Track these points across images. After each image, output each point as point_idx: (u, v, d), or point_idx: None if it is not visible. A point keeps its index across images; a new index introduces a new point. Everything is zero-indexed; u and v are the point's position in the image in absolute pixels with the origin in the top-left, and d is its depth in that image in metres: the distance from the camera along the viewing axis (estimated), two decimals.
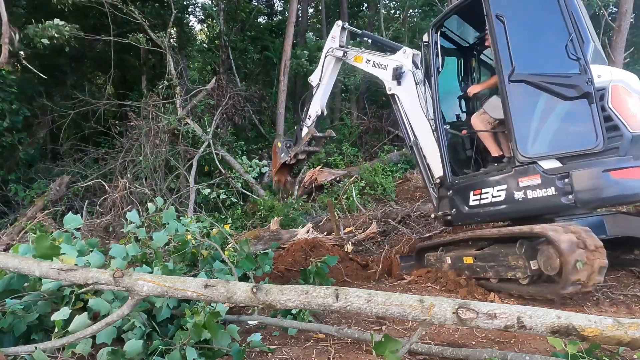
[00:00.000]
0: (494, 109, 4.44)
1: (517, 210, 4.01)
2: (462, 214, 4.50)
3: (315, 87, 6.33)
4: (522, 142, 3.90)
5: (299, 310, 3.26)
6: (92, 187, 9.14)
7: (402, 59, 5.27)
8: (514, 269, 3.85)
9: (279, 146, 6.52)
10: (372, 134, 14.20)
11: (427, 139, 5.04)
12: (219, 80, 11.80)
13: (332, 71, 6.26)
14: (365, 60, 5.70)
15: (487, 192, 4.23)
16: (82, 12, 12.37)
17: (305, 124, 6.37)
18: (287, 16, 14.60)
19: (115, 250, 3.26)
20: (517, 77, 3.91)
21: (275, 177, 6.78)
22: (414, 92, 5.12)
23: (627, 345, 1.85)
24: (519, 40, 3.96)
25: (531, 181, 3.86)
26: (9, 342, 2.71)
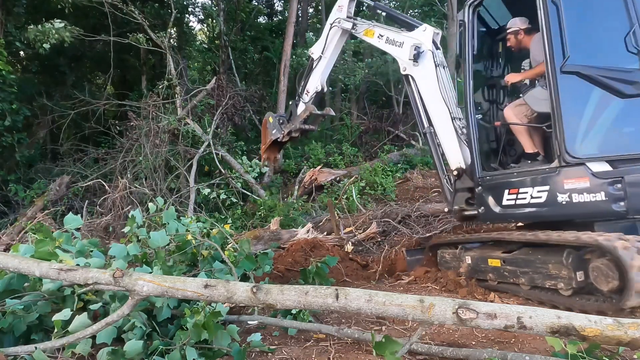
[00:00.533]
0: (537, 101, 4.09)
1: (558, 214, 3.73)
2: (492, 212, 4.19)
3: (316, 60, 5.71)
4: (571, 141, 3.56)
5: (299, 310, 3.26)
6: (92, 187, 9.14)
7: (421, 37, 4.78)
8: (555, 278, 3.60)
9: (270, 121, 5.97)
10: (372, 134, 14.20)
11: (444, 127, 4.69)
12: (219, 80, 11.79)
13: (336, 44, 5.67)
14: (378, 35, 5.14)
15: (525, 192, 3.91)
16: (82, 12, 12.38)
17: (303, 99, 5.78)
18: (287, 16, 14.60)
19: (115, 250, 3.26)
20: (570, 68, 3.53)
21: (264, 154, 6.24)
22: (433, 74, 4.69)
23: (627, 345, 1.85)
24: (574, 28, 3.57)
25: (578, 184, 3.54)
26: (9, 342, 2.71)
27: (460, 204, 4.64)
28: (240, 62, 16.04)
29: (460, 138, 4.63)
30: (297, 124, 5.68)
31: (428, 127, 4.87)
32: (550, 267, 3.64)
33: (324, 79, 5.79)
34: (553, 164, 3.76)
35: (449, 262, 4.78)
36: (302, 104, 5.76)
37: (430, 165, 11.12)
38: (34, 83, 13.23)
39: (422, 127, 4.94)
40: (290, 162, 12.21)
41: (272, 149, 6.15)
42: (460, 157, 4.63)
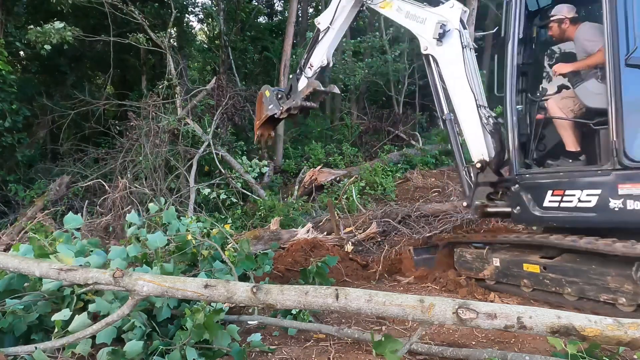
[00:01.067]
0: (590, 95, 3.76)
1: (608, 221, 3.45)
2: (530, 214, 3.88)
3: (323, 32, 5.21)
4: (631, 143, 3.28)
5: (299, 310, 3.26)
6: (92, 187, 9.13)
7: (447, 13, 4.34)
8: (615, 292, 3.32)
9: (267, 95, 5.45)
10: (372, 134, 14.20)
11: (468, 115, 4.32)
12: (219, 80, 11.78)
13: (347, 15, 5.17)
14: (397, 7, 4.69)
15: (572, 194, 3.61)
16: (82, 12, 12.37)
17: (305, 74, 5.30)
18: (287, 16, 14.59)
19: (115, 252, 3.26)
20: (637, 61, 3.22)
21: (258, 130, 5.72)
22: (460, 56, 4.27)
23: (627, 345, 1.85)
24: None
25: (635, 190, 3.27)
26: (9, 342, 2.71)
27: (481, 198, 4.34)
28: (240, 62, 16.03)
29: (485, 128, 4.30)
30: (298, 101, 5.21)
31: (448, 113, 4.50)
32: (610, 279, 3.36)
33: (330, 52, 5.32)
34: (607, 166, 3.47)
35: (470, 263, 4.49)
36: (305, 79, 5.31)
37: (430, 165, 11.14)
38: (34, 83, 13.22)
39: (442, 114, 4.56)
40: (290, 162, 12.21)
41: (266, 125, 5.68)
42: (484, 148, 4.30)
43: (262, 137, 5.87)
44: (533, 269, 3.88)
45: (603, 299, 3.42)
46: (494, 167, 4.28)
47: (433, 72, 4.54)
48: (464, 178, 4.52)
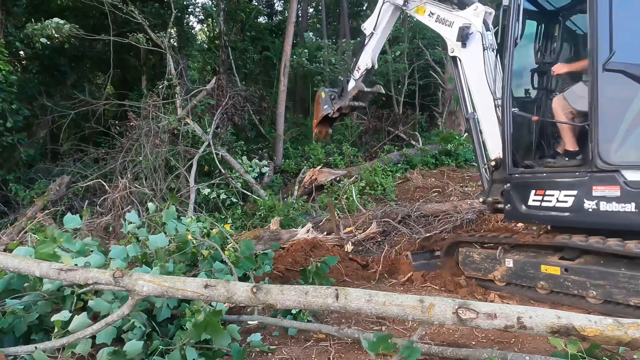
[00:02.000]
0: (577, 98, 3.86)
1: (583, 221, 3.56)
2: (517, 212, 3.98)
3: (368, 37, 5.61)
4: (605, 146, 3.36)
5: (299, 310, 3.26)
6: (92, 187, 9.13)
7: (471, 17, 4.51)
8: None
9: (323, 97, 6.01)
10: (372, 134, 14.21)
11: (487, 115, 4.45)
12: (219, 80, 11.78)
13: (388, 21, 5.54)
14: (429, 12, 4.91)
15: (551, 194, 3.72)
16: (82, 12, 12.39)
17: (353, 76, 5.78)
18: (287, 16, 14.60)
19: (115, 252, 3.26)
20: (614, 66, 3.25)
21: (316, 128, 6.34)
22: (480, 58, 4.43)
23: (627, 345, 1.85)
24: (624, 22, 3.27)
25: (608, 192, 3.35)
26: (9, 342, 2.71)
27: (495, 195, 4.38)
28: (240, 62, 16.03)
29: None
30: (346, 101, 5.72)
31: (472, 112, 4.61)
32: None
33: (374, 55, 5.73)
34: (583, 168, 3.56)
35: (479, 264, 4.39)
36: (353, 81, 5.76)
37: (430, 165, 11.14)
38: (34, 83, 13.22)
39: (466, 112, 4.69)
40: (290, 162, 12.21)
41: (323, 124, 6.27)
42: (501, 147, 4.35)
43: (320, 134, 6.45)
44: (553, 271, 3.79)
45: (633, 303, 3.34)
46: None
47: (459, 73, 4.70)
48: (483, 175, 4.59)
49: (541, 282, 3.89)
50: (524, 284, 4.07)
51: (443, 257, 4.89)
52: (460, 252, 4.63)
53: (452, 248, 4.82)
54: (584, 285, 3.59)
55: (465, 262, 4.55)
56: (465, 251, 4.57)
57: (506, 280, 4.21)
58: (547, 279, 3.84)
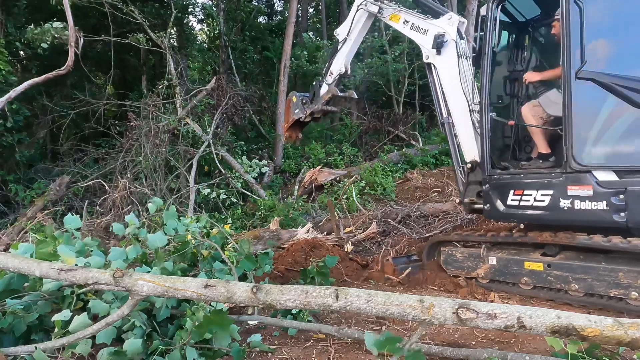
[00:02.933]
0: (551, 104, 4.10)
1: (559, 219, 3.77)
2: (497, 211, 4.17)
3: (341, 42, 5.71)
4: (579, 148, 3.58)
5: (299, 310, 3.26)
6: (92, 187, 9.14)
7: (446, 25, 4.73)
8: (627, 287, 3.46)
9: (294, 101, 6.05)
10: (372, 134, 14.21)
11: (462, 119, 4.67)
12: (219, 80, 11.79)
13: (362, 27, 5.63)
14: (403, 20, 5.09)
15: (529, 194, 3.92)
16: (82, 12, 12.37)
17: (326, 81, 5.83)
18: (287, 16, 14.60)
19: (114, 254, 3.26)
20: (586, 74, 3.45)
21: (287, 133, 6.39)
22: (455, 65, 4.64)
23: (627, 345, 1.85)
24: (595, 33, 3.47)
25: (581, 191, 3.57)
26: (9, 342, 2.71)
27: (471, 196, 4.63)
28: (240, 62, 16.04)
29: (477, 131, 4.60)
30: (319, 105, 5.76)
31: (446, 117, 4.82)
32: (621, 275, 3.50)
33: (348, 61, 5.79)
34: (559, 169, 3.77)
35: (461, 262, 4.55)
36: (325, 86, 5.83)
37: (430, 165, 11.14)
38: None
39: (441, 117, 4.89)
40: (290, 162, 12.21)
41: (294, 128, 6.31)
42: (476, 150, 4.61)
43: (290, 139, 6.54)
44: (536, 267, 3.98)
45: (613, 295, 3.55)
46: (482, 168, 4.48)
47: (434, 79, 4.89)
48: (459, 177, 4.81)
49: (524, 278, 4.07)
50: (507, 280, 4.24)
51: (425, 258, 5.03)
52: (442, 251, 4.78)
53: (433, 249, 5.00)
54: (566, 279, 3.80)
55: (447, 261, 4.70)
56: (447, 250, 4.72)
57: (490, 277, 4.37)
58: (530, 274, 4.04)
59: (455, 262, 4.62)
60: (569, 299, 3.84)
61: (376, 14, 5.38)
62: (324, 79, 5.89)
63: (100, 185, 8.78)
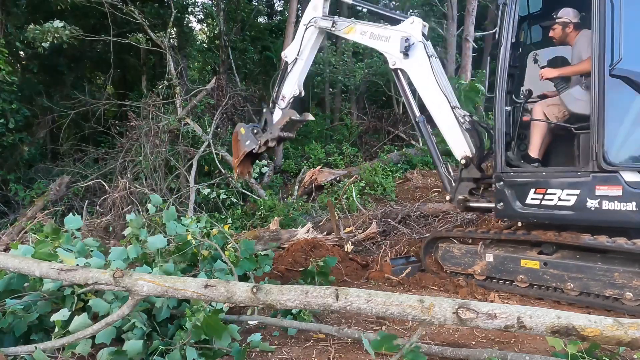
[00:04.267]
0: (575, 101, 3.96)
1: (586, 219, 3.70)
2: (513, 210, 4.06)
3: (292, 64, 5.45)
4: (609, 148, 3.51)
5: (299, 310, 3.26)
6: (92, 187, 9.14)
7: (409, 29, 4.68)
8: (622, 287, 3.52)
9: (242, 132, 5.56)
10: (372, 134, 14.20)
11: (445, 117, 4.60)
12: (219, 80, 11.79)
13: (313, 45, 5.46)
14: (360, 32, 5.01)
15: (553, 193, 3.83)
16: (82, 12, 12.37)
17: (279, 105, 5.48)
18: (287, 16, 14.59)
19: (115, 253, 3.26)
20: (620, 72, 3.41)
21: (238, 169, 5.76)
22: (427, 65, 4.59)
23: (627, 345, 1.85)
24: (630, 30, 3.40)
25: (611, 191, 3.52)
26: (9, 342, 2.71)
27: (463, 193, 4.58)
28: (240, 62, 16.03)
29: (462, 127, 4.55)
30: (275, 132, 5.36)
31: (420, 116, 4.83)
32: (617, 275, 3.55)
33: (301, 82, 5.56)
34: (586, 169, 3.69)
35: (459, 259, 4.56)
36: (279, 110, 5.48)
37: (431, 165, 11.13)
38: (34, 83, 13.22)
39: (414, 117, 4.90)
40: (290, 162, 12.21)
41: (245, 162, 5.79)
42: (466, 146, 4.54)
43: (242, 175, 6.00)
44: (532, 265, 4.01)
45: (608, 294, 3.60)
46: (477, 163, 4.52)
47: (403, 84, 4.88)
48: (444, 174, 4.79)
49: (521, 275, 4.09)
50: (503, 277, 4.27)
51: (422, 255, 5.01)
52: (440, 247, 4.78)
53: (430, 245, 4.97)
54: (562, 278, 3.82)
55: (444, 257, 4.72)
56: (445, 247, 4.73)
57: (486, 274, 4.39)
58: (526, 272, 4.06)
59: (453, 259, 4.65)
60: (565, 298, 3.87)
61: (330, 29, 5.26)
62: (276, 103, 5.54)
63: (100, 185, 8.78)
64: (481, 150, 4.54)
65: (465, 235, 4.71)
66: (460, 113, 4.58)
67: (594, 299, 3.71)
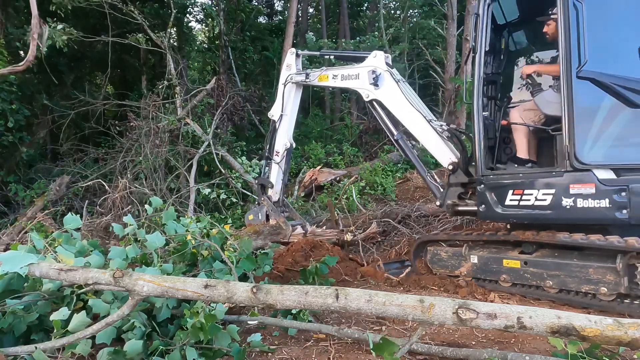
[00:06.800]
0: (547, 104, 4.14)
1: (562, 218, 3.80)
2: (493, 211, 4.18)
3: (278, 121, 6.05)
4: (580, 147, 3.63)
5: (299, 310, 3.26)
6: (92, 187, 9.14)
7: (374, 62, 5.16)
8: (597, 283, 3.60)
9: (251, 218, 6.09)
10: (372, 134, 14.21)
11: (424, 132, 4.89)
12: (218, 80, 11.79)
13: (294, 99, 6.07)
14: (332, 76, 5.55)
15: (530, 193, 3.94)
16: (81, 12, 12.37)
17: (274, 160, 6.10)
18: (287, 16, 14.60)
19: (114, 253, 3.26)
20: (586, 74, 3.55)
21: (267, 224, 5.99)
22: (397, 90, 4.99)
23: (627, 345, 1.85)
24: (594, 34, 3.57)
25: (584, 189, 3.62)
26: (9, 342, 2.70)
27: (452, 198, 4.72)
28: (240, 62, 16.04)
29: (442, 136, 4.81)
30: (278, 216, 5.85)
31: (397, 133, 5.13)
32: (592, 271, 3.63)
33: (290, 135, 6.15)
34: (560, 168, 3.80)
35: (446, 261, 4.67)
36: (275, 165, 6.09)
37: (431, 165, 11.13)
38: (34, 83, 13.22)
39: (392, 136, 5.19)
40: (290, 166, 12.20)
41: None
42: (450, 153, 4.77)
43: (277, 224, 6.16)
44: (513, 265, 4.11)
45: (584, 290, 3.69)
46: (463, 167, 4.67)
47: (379, 111, 5.21)
48: (431, 183, 5.05)
49: (503, 275, 4.18)
50: (487, 277, 4.35)
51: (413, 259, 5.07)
52: (429, 250, 4.86)
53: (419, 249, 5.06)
54: (541, 276, 3.92)
55: (433, 260, 4.80)
56: (433, 250, 4.82)
57: (472, 275, 4.47)
58: (508, 272, 4.15)
59: (440, 261, 4.73)
60: (545, 296, 3.95)
61: (305, 81, 5.81)
62: (272, 159, 6.12)
63: (100, 185, 8.78)
64: (465, 154, 4.68)
65: (451, 237, 4.80)
66: (437, 124, 4.87)
67: (574, 296, 3.80)
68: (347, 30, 18.24)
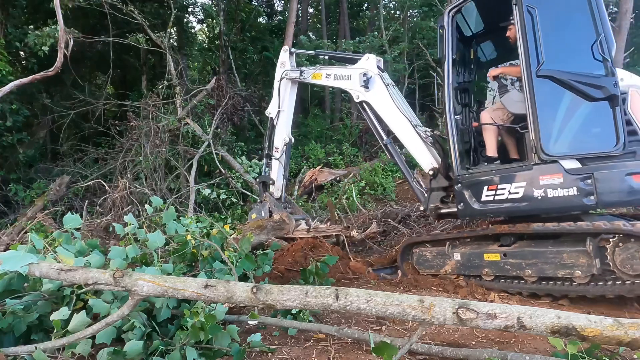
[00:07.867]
0: (513, 103, 4.38)
1: (535, 208, 3.97)
2: (471, 208, 4.34)
3: (276, 117, 6.15)
4: (546, 140, 3.86)
5: (299, 310, 3.26)
6: (92, 187, 9.14)
7: (365, 65, 5.28)
8: (571, 267, 3.75)
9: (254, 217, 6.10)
10: (372, 134, 14.19)
11: (409, 137, 5.03)
12: (218, 80, 11.80)
13: (290, 95, 6.18)
14: (325, 75, 5.67)
15: (503, 188, 4.13)
16: (82, 13, 12.38)
17: (274, 156, 6.24)
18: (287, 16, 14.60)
19: (114, 253, 3.25)
20: (545, 72, 3.84)
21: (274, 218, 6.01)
22: (386, 94, 5.12)
23: (627, 345, 1.85)
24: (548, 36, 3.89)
25: (553, 180, 3.83)
26: (9, 342, 2.70)
27: (435, 202, 4.85)
28: (240, 62, 16.05)
29: (425, 142, 4.95)
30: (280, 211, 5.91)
31: (387, 139, 5.26)
32: (565, 256, 3.78)
33: (289, 130, 6.25)
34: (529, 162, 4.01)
35: (431, 261, 4.76)
36: (276, 161, 6.26)
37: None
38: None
39: (381, 140, 5.34)
40: (290, 162, 12.21)
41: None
42: (432, 158, 4.91)
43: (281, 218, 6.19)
44: (494, 258, 4.22)
45: (560, 275, 3.83)
46: (444, 172, 4.80)
47: (369, 113, 5.34)
48: (416, 188, 5.23)
49: (485, 269, 4.29)
50: (471, 273, 4.44)
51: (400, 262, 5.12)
52: (414, 253, 4.95)
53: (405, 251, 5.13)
54: (520, 266, 4.04)
55: (419, 261, 4.88)
56: (418, 252, 4.91)
57: (456, 272, 4.55)
58: (490, 265, 4.26)
59: (426, 262, 4.81)
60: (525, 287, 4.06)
61: (299, 78, 5.95)
62: (272, 155, 6.27)
63: (100, 185, 8.78)
64: (446, 159, 4.79)
65: (434, 238, 4.90)
66: (422, 130, 5.01)
67: (552, 286, 3.91)
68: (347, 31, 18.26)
